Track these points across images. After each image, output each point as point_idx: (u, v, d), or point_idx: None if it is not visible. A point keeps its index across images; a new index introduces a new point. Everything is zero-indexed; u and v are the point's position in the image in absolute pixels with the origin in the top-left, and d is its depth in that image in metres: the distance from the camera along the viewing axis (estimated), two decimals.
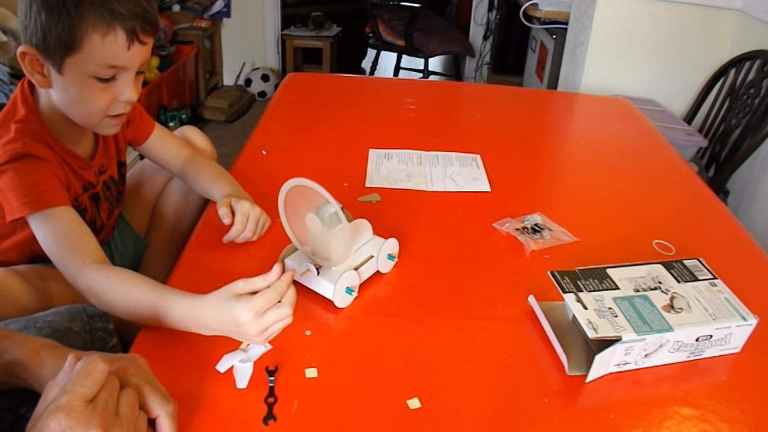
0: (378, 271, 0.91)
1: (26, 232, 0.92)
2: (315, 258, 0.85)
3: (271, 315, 0.69)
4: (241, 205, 0.98)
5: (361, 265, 0.87)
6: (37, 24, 0.82)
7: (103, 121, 0.92)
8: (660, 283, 0.82)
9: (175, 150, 1.17)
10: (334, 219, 0.81)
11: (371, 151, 1.32)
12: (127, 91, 0.89)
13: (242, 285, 0.70)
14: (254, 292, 0.70)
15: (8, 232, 0.98)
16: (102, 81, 0.87)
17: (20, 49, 0.85)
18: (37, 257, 1.01)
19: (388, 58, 4.05)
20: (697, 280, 0.83)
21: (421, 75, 3.67)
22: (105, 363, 0.54)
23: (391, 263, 0.92)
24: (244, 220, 0.97)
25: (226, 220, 0.97)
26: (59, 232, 0.86)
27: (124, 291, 0.80)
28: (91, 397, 0.52)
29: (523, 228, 1.04)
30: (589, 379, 0.74)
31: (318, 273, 0.84)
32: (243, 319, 0.69)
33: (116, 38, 0.82)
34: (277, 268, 0.69)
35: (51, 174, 0.90)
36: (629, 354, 0.74)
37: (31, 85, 0.92)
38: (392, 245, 0.92)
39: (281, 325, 0.71)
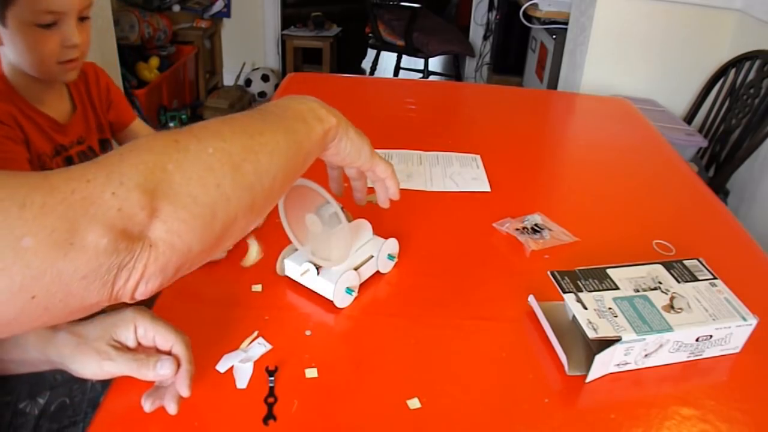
0: (378, 271, 0.91)
1: None
2: (315, 258, 0.85)
3: None
4: None
5: (361, 265, 0.87)
6: None
7: (56, 68, 0.98)
8: (660, 283, 0.82)
9: None
10: (334, 219, 0.81)
11: None
12: (71, 34, 0.95)
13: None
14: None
15: None
16: (44, 27, 0.92)
17: None
18: None
19: (388, 58, 4.05)
20: (697, 280, 0.83)
21: (421, 75, 3.67)
22: None
23: (391, 263, 0.92)
24: None
25: None
26: None
27: None
28: None
29: (523, 228, 1.04)
30: (589, 379, 0.74)
31: (318, 273, 0.84)
32: None
33: None
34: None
35: (4, 137, 0.94)
36: (629, 354, 0.74)
37: None
38: (392, 245, 0.92)
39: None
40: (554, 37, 2.85)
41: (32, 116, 0.99)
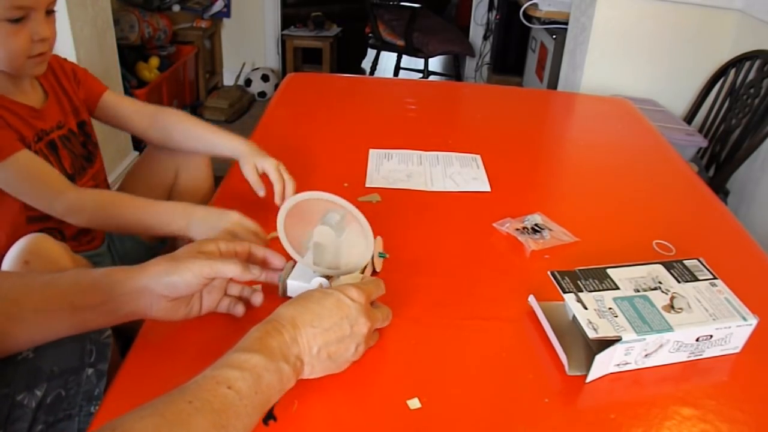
0: (375, 271, 0.91)
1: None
2: (320, 269, 0.81)
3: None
4: (266, 164, 1.06)
5: (365, 267, 0.87)
6: None
7: (27, 63, 1.00)
8: (660, 283, 0.82)
9: (138, 104, 1.23)
10: (343, 222, 0.80)
11: (371, 151, 1.32)
12: (40, 29, 0.97)
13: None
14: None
15: None
16: (13, 23, 0.94)
17: None
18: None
19: (388, 58, 4.05)
20: (697, 280, 0.83)
21: (421, 75, 3.67)
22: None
23: (381, 260, 0.92)
24: (279, 175, 1.04)
25: (261, 193, 1.04)
26: (24, 172, 0.97)
27: (108, 206, 0.99)
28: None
29: (523, 228, 1.04)
30: (589, 379, 0.74)
31: (330, 284, 0.80)
32: (232, 218, 0.89)
33: None
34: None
35: None
36: (629, 354, 0.74)
37: None
38: (380, 244, 0.93)
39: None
40: (554, 37, 2.85)
41: (9, 106, 1.01)
